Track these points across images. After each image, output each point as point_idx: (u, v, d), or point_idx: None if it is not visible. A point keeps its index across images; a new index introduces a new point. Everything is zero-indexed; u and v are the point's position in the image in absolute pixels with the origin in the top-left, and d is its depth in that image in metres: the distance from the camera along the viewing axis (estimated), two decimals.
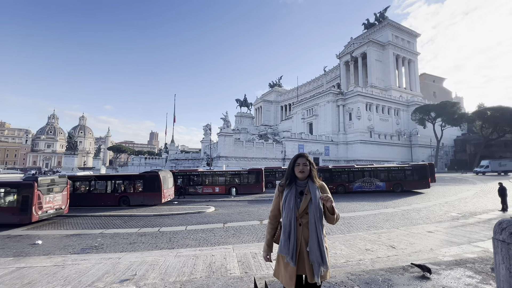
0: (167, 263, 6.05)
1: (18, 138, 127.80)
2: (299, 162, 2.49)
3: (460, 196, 18.41)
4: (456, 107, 55.30)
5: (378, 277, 4.08)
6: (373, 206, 15.49)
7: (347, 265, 5.57)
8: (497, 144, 59.14)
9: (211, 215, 13.92)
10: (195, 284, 4.66)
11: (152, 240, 9.11)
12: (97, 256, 7.17)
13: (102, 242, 9.04)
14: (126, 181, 18.75)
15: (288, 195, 2.43)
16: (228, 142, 45.61)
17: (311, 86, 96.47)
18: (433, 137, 57.52)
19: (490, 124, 53.57)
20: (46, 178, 13.49)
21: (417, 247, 7.00)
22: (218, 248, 7.57)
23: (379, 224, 10.70)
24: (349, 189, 22.86)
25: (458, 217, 11.63)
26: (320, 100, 63.14)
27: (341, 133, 58.45)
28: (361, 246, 7.13)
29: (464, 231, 8.79)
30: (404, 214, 12.70)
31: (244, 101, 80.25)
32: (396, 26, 74.30)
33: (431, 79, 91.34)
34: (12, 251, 8.35)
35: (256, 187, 24.34)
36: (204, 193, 24.23)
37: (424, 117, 56.12)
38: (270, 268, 5.50)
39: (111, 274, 5.50)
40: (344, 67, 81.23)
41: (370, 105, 58.89)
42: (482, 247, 6.67)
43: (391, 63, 71.65)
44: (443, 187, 25.02)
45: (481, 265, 4.62)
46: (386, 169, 23.66)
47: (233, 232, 9.96)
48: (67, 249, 8.40)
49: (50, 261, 6.62)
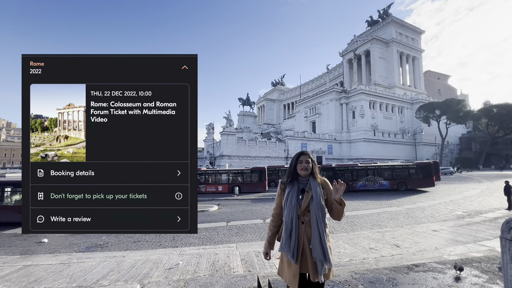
0: (171, 262, 6.08)
1: None
2: (302, 160, 2.47)
3: (465, 195, 18.21)
4: (461, 104, 54.66)
5: (382, 276, 4.05)
6: (377, 205, 15.40)
7: (351, 264, 5.54)
8: (503, 141, 58.37)
9: (214, 214, 13.97)
10: (198, 282, 4.67)
11: (156, 239, 9.17)
12: (102, 254, 7.23)
13: (106, 241, 9.12)
14: None
15: (290, 192, 2.42)
16: (231, 141, 45.67)
17: (314, 85, 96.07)
18: (438, 135, 56.93)
19: (496, 121, 52.88)
20: None
21: (421, 246, 6.93)
22: (221, 246, 7.59)
23: (383, 223, 10.64)
24: (352, 187, 22.76)
25: (463, 215, 11.50)
26: (323, 98, 62.85)
27: (344, 132, 58.16)
28: (365, 245, 7.09)
29: (469, 230, 8.69)
30: (408, 213, 12.60)
31: (247, 100, 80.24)
32: (400, 23, 73.53)
33: (435, 77, 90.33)
34: (19, 249, 8.47)
35: (259, 185, 24.36)
36: (207, 191, 24.31)
37: (429, 115, 55.57)
38: (273, 267, 5.50)
39: (116, 272, 5.54)
40: (347, 65, 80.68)
41: (373, 103, 58.47)
42: (488, 246, 6.59)
43: (395, 61, 70.99)
44: (448, 185, 24.78)
45: (487, 264, 4.56)
46: (390, 168, 23.49)
47: (236, 231, 9.98)
48: (72, 247, 8.50)
49: (56, 259, 6.70)
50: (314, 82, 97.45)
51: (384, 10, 75.46)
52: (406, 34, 74.58)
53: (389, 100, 61.14)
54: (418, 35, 77.95)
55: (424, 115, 55.89)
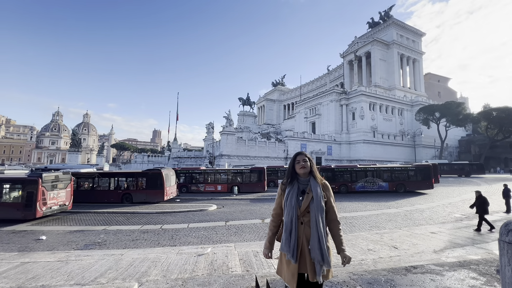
0: (169, 260, 6.08)
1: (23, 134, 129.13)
2: (299, 159, 2.51)
3: (464, 197, 18.24)
4: (461, 107, 54.69)
5: (380, 277, 4.05)
6: (375, 206, 15.41)
7: (349, 265, 5.55)
8: (502, 145, 58.46)
9: (213, 213, 13.96)
10: (196, 281, 4.67)
11: (155, 237, 9.16)
12: (100, 252, 7.23)
13: (105, 239, 9.11)
14: (129, 179, 18.87)
15: (290, 193, 2.43)
16: (230, 141, 45.64)
17: (314, 85, 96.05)
18: (437, 138, 56.98)
19: (495, 124, 52.91)
20: (50, 174, 13.62)
21: (420, 248, 6.95)
22: (220, 246, 7.58)
23: (381, 225, 10.65)
24: (351, 189, 22.77)
25: (462, 218, 11.53)
26: (323, 99, 62.84)
27: (344, 133, 58.16)
28: (363, 246, 7.10)
29: (468, 232, 8.70)
30: (407, 215, 12.61)
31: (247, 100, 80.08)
32: (401, 25, 73.58)
33: (436, 79, 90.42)
34: (17, 246, 8.45)
35: (258, 186, 24.34)
36: (206, 191, 24.29)
37: (429, 117, 55.60)
38: (272, 266, 5.50)
39: (114, 270, 5.54)
40: (348, 66, 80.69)
41: (373, 105, 58.48)
42: (486, 249, 6.60)
43: (395, 63, 71.03)
44: (446, 188, 24.81)
45: (485, 267, 4.57)
46: (389, 169, 23.51)
47: (235, 231, 9.98)
48: (70, 245, 8.48)
49: (54, 256, 6.69)
50: (314, 83, 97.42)
51: (385, 12, 75.50)
52: (407, 36, 74.63)
53: (389, 102, 61.17)
54: (419, 37, 78.01)
55: (424, 118, 55.93)
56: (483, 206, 9.13)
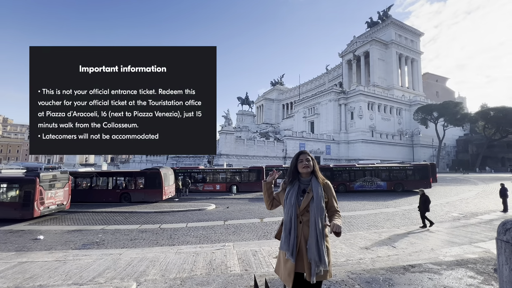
0: (167, 260, 6.07)
1: (21, 134, 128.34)
2: (302, 158, 2.49)
3: (461, 197, 18.35)
4: (458, 107, 55.00)
5: (379, 276, 4.07)
6: (374, 206, 15.47)
7: (348, 264, 5.56)
8: (499, 144, 58.87)
9: (212, 213, 13.95)
10: (195, 281, 4.67)
11: (153, 237, 9.14)
12: (98, 252, 7.20)
13: (103, 238, 9.08)
14: (128, 178, 18.80)
15: (290, 192, 2.43)
16: (229, 140, 45.62)
17: (313, 85, 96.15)
18: (435, 137, 57.27)
19: (493, 124, 53.29)
20: (48, 174, 13.54)
21: (417, 247, 6.98)
22: (218, 245, 7.58)
23: (379, 224, 10.69)
24: (350, 188, 22.83)
25: (459, 217, 11.60)
26: (322, 98, 62.96)
27: (342, 132, 58.31)
28: (361, 245, 7.12)
29: (465, 231, 8.75)
30: (405, 214, 12.67)
31: (246, 99, 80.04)
32: (399, 25, 73.77)
33: (434, 79, 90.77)
34: (14, 245, 8.40)
35: (257, 185, 24.32)
36: (204, 190, 24.26)
37: (427, 117, 55.87)
38: (270, 266, 5.51)
39: (112, 270, 5.52)
40: (347, 65, 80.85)
41: (372, 104, 58.66)
42: (483, 248, 6.65)
43: (394, 62, 71.23)
44: (444, 187, 24.94)
45: (482, 266, 4.60)
46: (387, 169, 23.59)
47: (233, 230, 9.98)
48: (68, 244, 8.45)
49: (51, 256, 6.66)
50: (313, 82, 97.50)
51: (384, 12, 75.61)
52: (405, 36, 74.81)
53: (388, 102, 61.35)
54: (417, 37, 78.23)
55: (422, 117, 56.17)
56: (425, 204, 9.80)
